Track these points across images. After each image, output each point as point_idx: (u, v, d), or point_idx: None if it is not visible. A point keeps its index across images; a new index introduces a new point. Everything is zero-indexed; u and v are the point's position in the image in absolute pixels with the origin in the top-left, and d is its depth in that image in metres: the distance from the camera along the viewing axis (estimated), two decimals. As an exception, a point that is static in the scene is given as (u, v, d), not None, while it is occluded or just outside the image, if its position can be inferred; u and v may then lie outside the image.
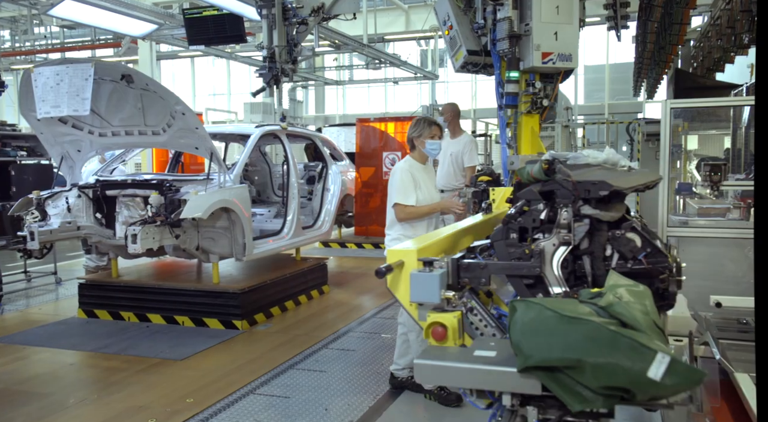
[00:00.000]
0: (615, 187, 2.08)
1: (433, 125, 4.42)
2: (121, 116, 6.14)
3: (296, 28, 9.36)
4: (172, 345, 5.55)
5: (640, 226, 2.25)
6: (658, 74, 11.76)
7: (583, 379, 1.60)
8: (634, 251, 2.09)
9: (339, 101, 26.31)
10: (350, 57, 22.87)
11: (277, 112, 17.02)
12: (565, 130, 13.60)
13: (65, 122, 6.18)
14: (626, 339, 1.60)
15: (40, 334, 6.00)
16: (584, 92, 23.57)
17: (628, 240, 2.10)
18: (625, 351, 1.58)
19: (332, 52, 19.70)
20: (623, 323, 1.69)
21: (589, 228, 2.13)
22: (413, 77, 21.14)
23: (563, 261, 2.12)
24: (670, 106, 4.87)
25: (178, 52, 22.02)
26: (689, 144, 10.64)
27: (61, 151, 6.37)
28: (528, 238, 2.20)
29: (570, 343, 1.63)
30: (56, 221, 5.91)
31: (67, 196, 6.13)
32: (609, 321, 1.69)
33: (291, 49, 9.43)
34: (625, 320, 1.70)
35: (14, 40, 19.21)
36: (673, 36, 8.09)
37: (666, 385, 1.55)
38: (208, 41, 11.85)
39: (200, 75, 26.99)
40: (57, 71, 5.24)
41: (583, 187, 2.11)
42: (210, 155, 6.08)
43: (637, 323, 1.69)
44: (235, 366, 5.03)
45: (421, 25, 20.14)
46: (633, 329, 1.68)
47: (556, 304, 1.76)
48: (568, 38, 5.86)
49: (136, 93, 5.84)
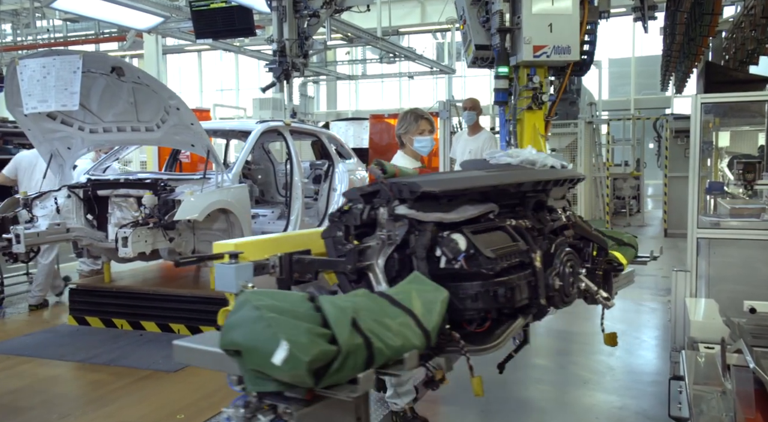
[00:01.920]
0: (424, 190, 2.16)
1: (421, 119, 4.09)
2: (113, 112, 6.03)
3: (307, 21, 9.25)
4: (165, 355, 5.40)
5: (512, 225, 2.38)
6: (688, 67, 11.53)
7: (245, 362, 1.67)
8: (453, 252, 2.12)
9: (351, 97, 26.23)
10: (363, 50, 22.75)
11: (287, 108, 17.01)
12: (588, 127, 13.37)
13: (54, 118, 6.04)
14: (263, 324, 1.64)
15: (26, 343, 5.89)
16: (609, 87, 23.30)
17: (449, 241, 2.13)
18: (262, 336, 1.62)
19: (345, 45, 19.57)
20: (325, 320, 1.71)
21: (414, 228, 2.20)
22: (429, 72, 20.97)
23: (388, 260, 2.20)
24: (700, 100, 4.68)
25: (184, 46, 22.01)
26: (720, 141, 10.40)
27: (50, 149, 6.24)
28: (350, 236, 2.29)
29: (237, 326, 1.69)
30: (44, 223, 5.78)
31: (56, 197, 6.01)
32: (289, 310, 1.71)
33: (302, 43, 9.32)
34: (325, 314, 1.72)
35: (16, 33, 19.30)
36: (704, 27, 7.91)
37: (283, 370, 1.57)
38: (216, 35, 11.82)
39: (208, 70, 27.04)
40: (43, 63, 5.09)
41: (396, 188, 2.20)
42: (207, 153, 5.96)
43: (333, 317, 1.70)
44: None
45: (437, 17, 19.96)
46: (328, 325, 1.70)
47: (277, 296, 1.79)
48: (566, 29, 5.75)
49: (128, 87, 5.71)
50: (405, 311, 1.88)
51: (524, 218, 2.54)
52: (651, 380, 4.88)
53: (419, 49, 20.44)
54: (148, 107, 5.89)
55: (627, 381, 4.88)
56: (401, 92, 25.79)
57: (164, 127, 6.02)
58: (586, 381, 4.88)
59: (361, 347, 1.67)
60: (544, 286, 2.36)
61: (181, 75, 27.24)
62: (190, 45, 20.62)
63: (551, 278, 2.42)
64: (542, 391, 4.74)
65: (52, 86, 5.05)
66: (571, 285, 2.54)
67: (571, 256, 2.56)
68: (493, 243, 2.22)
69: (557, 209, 2.84)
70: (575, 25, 5.80)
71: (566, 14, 5.75)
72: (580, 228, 2.85)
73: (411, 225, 2.19)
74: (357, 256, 2.20)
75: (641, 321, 6.69)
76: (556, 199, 2.91)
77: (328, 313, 1.71)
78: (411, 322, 1.85)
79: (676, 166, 12.70)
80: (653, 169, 16.40)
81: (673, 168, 12.92)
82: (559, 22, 5.74)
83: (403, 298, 1.91)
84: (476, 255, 2.12)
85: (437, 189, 2.21)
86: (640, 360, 5.46)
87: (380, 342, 1.72)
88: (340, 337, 1.64)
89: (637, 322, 6.65)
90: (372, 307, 1.83)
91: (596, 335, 6.17)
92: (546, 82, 6.10)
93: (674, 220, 12.58)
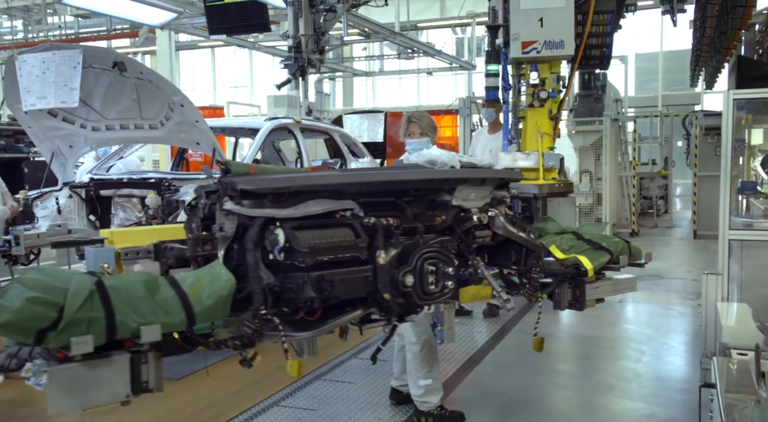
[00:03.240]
0: (242, 187, 2.40)
1: (409, 122, 4.24)
2: (117, 109, 5.93)
3: (324, 16, 9.27)
4: (169, 362, 5.30)
5: (358, 221, 2.57)
6: (719, 62, 11.40)
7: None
8: (272, 245, 2.39)
9: (368, 93, 26.25)
10: (381, 46, 22.74)
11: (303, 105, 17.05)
12: (614, 124, 13.27)
13: (55, 115, 5.90)
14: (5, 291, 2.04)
15: (24, 349, 5.80)
16: (635, 83, 23.09)
17: (271, 235, 2.40)
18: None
19: (362, 41, 19.62)
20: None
21: (244, 223, 2.45)
22: (448, 67, 20.95)
23: (228, 251, 2.47)
24: (732, 96, 4.62)
25: (198, 41, 22.19)
26: (753, 139, 10.25)
27: (51, 147, 6.12)
28: (198, 228, 2.57)
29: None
30: (45, 224, 5.70)
31: (57, 196, 5.94)
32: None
33: (318, 38, 9.34)
34: (70, 289, 2.06)
35: (27, 30, 19.52)
36: (736, 20, 7.82)
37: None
38: (230, 30, 11.86)
39: (221, 66, 27.17)
40: (43, 58, 4.95)
41: (225, 186, 2.45)
42: (212, 151, 5.86)
43: (72, 292, 2.05)
44: (238, 386, 4.80)
45: (457, 12, 19.91)
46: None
47: (53, 274, 2.14)
48: (559, 23, 5.73)
49: (131, 82, 5.62)
50: (177, 292, 2.22)
51: (397, 217, 2.69)
52: (680, 387, 4.83)
53: (438, 44, 20.39)
54: (152, 104, 5.81)
55: (655, 389, 4.83)
56: (419, 89, 25.74)
57: (168, 125, 5.93)
58: (611, 388, 4.84)
59: (98, 319, 2.05)
60: (389, 282, 2.54)
61: (194, 72, 27.39)
62: (204, 41, 20.78)
63: (401, 275, 2.56)
64: (566, 398, 4.71)
65: (51, 82, 4.92)
66: (434, 284, 2.65)
67: (436, 255, 2.68)
68: (323, 239, 2.45)
69: (470, 209, 2.98)
70: (569, 19, 5.76)
71: (558, 7, 5.72)
72: (504, 229, 3.04)
73: (242, 221, 2.46)
74: (196, 246, 2.52)
75: (669, 326, 6.63)
76: (470, 200, 3.00)
77: (71, 288, 2.06)
78: (176, 303, 2.20)
79: (707, 165, 12.57)
80: (682, 168, 16.24)
81: (703, 167, 12.80)
82: (551, 16, 5.72)
83: (183, 280, 2.27)
84: (292, 249, 2.38)
85: (256, 187, 2.45)
86: (669, 367, 5.41)
87: (124, 316, 2.09)
88: (68, 309, 2.02)
89: (666, 327, 6.59)
90: (136, 288, 2.18)
91: (622, 340, 6.13)
92: (552, 78, 6.05)
93: (704, 221, 12.46)
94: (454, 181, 2.97)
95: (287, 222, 2.47)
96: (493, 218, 3.03)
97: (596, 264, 3.42)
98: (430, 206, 2.91)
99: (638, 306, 7.56)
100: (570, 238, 3.63)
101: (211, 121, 8.29)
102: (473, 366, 5.26)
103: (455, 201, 2.94)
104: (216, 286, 2.28)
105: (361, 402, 4.49)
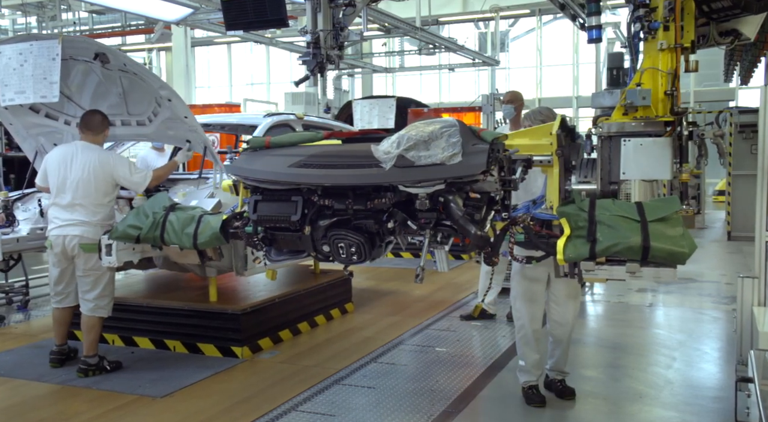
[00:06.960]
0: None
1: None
2: (106, 105, 5.70)
3: (343, 11, 9.22)
4: (154, 377, 5.08)
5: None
6: (755, 56, 11.23)
7: None
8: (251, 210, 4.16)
9: (388, 90, 26.20)
10: (401, 41, 22.74)
11: (321, 102, 17.07)
12: (643, 121, 13.12)
13: (37, 111, 5.71)
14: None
15: (6, 361, 5.58)
16: (666, 78, 22.86)
17: (251, 200, 4.15)
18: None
19: (381, 36, 19.61)
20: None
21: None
22: (471, 63, 20.86)
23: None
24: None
25: (214, 37, 22.34)
26: (791, 136, 10.11)
27: (35, 145, 5.94)
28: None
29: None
30: (26, 227, 5.58)
31: (40, 198, 5.74)
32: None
33: (337, 34, 9.29)
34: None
35: (41, 26, 19.80)
36: (773, 11, 7.67)
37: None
38: (247, 26, 11.81)
39: (237, 63, 27.34)
40: (20, 50, 4.73)
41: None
42: (203, 150, 5.74)
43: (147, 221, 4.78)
44: (224, 406, 4.61)
45: (480, 6, 19.86)
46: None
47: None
48: None
49: (116, 76, 5.44)
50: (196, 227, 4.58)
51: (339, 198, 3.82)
52: (714, 395, 4.77)
53: (460, 39, 20.35)
54: (139, 99, 5.62)
55: (687, 396, 4.77)
56: (441, 85, 25.69)
57: (156, 121, 5.73)
58: (642, 395, 4.79)
59: (157, 235, 4.65)
60: (310, 244, 3.97)
61: (210, 68, 27.61)
62: (220, 37, 20.89)
63: (319, 243, 3.94)
64: (595, 405, 4.67)
65: (29, 75, 4.71)
66: (337, 250, 3.90)
67: (342, 232, 3.83)
68: (271, 210, 3.98)
69: (418, 194, 3.62)
70: None
71: None
72: (449, 213, 3.61)
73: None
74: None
75: (702, 331, 6.55)
76: (417, 187, 3.61)
77: (149, 219, 4.72)
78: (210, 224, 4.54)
79: (742, 164, 12.43)
80: (715, 167, 16.06)
81: (738, 166, 12.64)
82: None
83: (204, 220, 4.61)
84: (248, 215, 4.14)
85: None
86: (702, 374, 5.34)
87: (168, 234, 4.63)
88: (143, 230, 4.67)
89: (698, 332, 6.51)
90: (182, 217, 4.66)
91: (652, 346, 6.07)
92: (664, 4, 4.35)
93: (739, 222, 12.31)
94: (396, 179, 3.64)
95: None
96: (445, 202, 3.60)
97: (575, 255, 3.54)
98: (376, 190, 3.72)
99: (669, 310, 7.48)
100: (584, 219, 3.60)
101: (209, 118, 8.27)
102: (496, 371, 5.25)
103: (402, 187, 3.66)
104: (212, 227, 4.50)
105: (381, 408, 4.49)
